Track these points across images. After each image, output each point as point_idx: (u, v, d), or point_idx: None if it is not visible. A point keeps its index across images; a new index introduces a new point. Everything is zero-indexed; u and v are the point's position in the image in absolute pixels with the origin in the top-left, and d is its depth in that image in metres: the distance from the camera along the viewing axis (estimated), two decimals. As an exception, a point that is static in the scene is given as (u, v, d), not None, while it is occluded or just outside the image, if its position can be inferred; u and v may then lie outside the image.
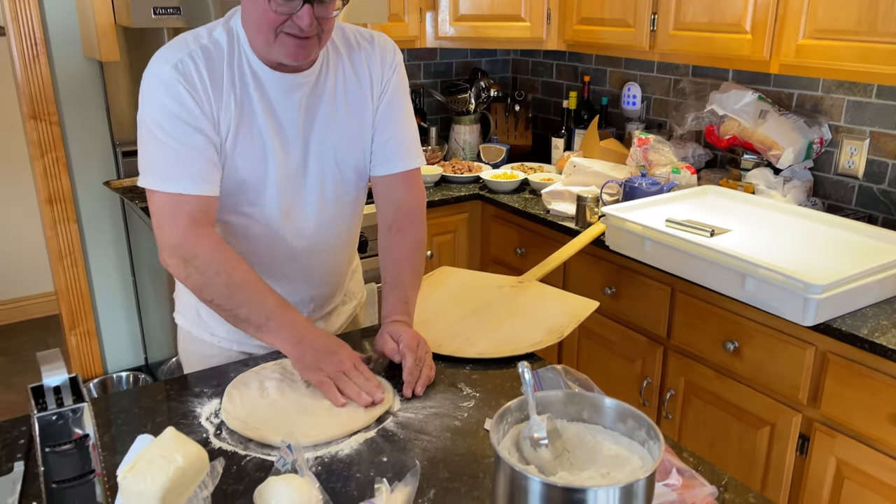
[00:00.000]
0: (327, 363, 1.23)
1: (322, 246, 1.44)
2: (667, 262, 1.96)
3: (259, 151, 1.29)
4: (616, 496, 0.71)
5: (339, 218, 1.44)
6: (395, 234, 1.45)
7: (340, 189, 1.41)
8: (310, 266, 1.44)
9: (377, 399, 1.21)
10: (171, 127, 1.21)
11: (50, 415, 0.87)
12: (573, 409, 0.85)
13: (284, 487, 0.93)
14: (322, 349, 1.24)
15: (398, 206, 1.45)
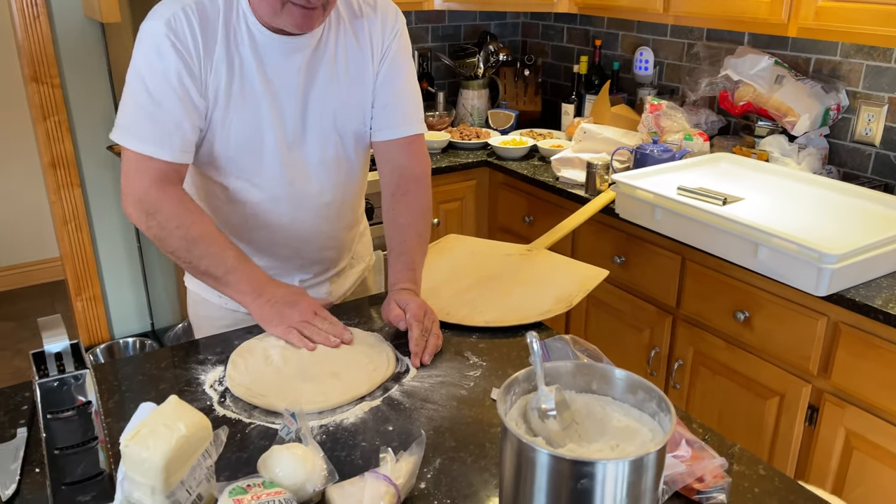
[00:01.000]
0: (289, 314, 1.25)
1: (324, 211, 1.41)
2: (678, 231, 1.93)
3: (253, 115, 1.27)
4: (626, 469, 0.69)
5: (341, 183, 1.41)
6: (399, 201, 1.43)
7: (341, 154, 1.38)
8: (313, 230, 1.42)
9: (345, 340, 1.25)
10: (153, 85, 1.20)
11: (51, 381, 0.86)
12: (582, 380, 0.83)
13: (288, 456, 0.92)
14: (282, 301, 1.26)
15: (401, 172, 1.43)
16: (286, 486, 0.89)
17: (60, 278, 3.68)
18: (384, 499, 0.88)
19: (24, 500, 0.94)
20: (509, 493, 0.75)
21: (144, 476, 0.82)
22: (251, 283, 1.26)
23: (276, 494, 0.87)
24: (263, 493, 0.86)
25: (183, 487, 0.85)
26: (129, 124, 1.23)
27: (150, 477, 0.82)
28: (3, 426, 1.08)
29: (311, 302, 1.29)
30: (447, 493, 0.96)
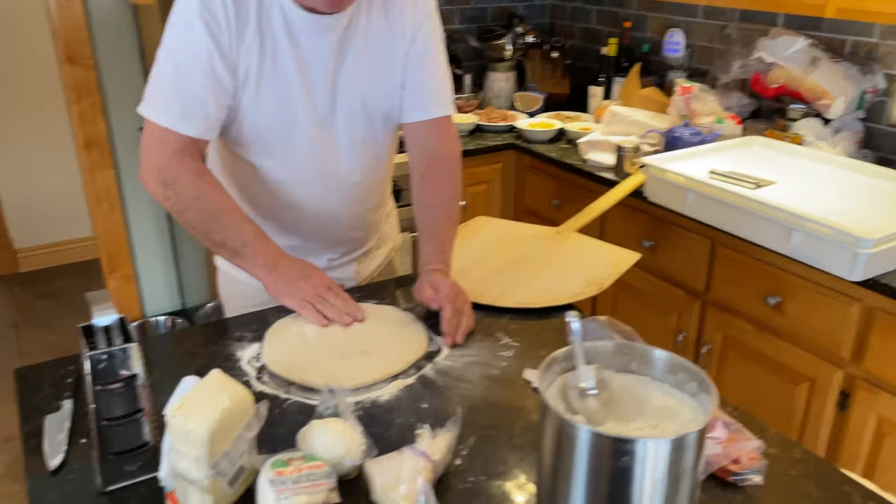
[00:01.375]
0: (303, 287, 1.27)
1: (353, 191, 1.42)
2: (709, 215, 1.91)
3: (285, 95, 1.28)
4: (667, 448, 0.70)
5: (369, 163, 1.42)
6: (428, 183, 1.43)
7: (369, 135, 1.39)
8: (341, 210, 1.43)
9: (358, 318, 1.27)
10: (182, 62, 1.21)
11: (100, 354, 0.88)
12: (621, 359, 0.83)
13: (328, 431, 0.94)
14: (296, 274, 1.28)
15: (431, 154, 1.43)
16: (325, 459, 0.91)
17: (94, 257, 3.75)
18: (422, 474, 0.89)
19: (72, 469, 0.97)
20: (548, 470, 0.76)
21: (190, 447, 0.85)
22: (266, 256, 1.28)
23: (317, 468, 0.89)
24: (304, 466, 0.88)
25: (226, 458, 0.87)
26: (156, 98, 1.24)
27: (196, 448, 0.84)
28: (48, 398, 1.12)
29: (324, 277, 1.31)
30: (482, 469, 0.98)
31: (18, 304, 3.49)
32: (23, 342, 3.16)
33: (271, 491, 0.85)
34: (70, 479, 0.95)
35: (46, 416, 1.06)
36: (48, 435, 1.03)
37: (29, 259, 3.79)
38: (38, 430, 1.04)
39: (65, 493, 0.93)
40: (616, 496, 0.71)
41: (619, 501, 0.72)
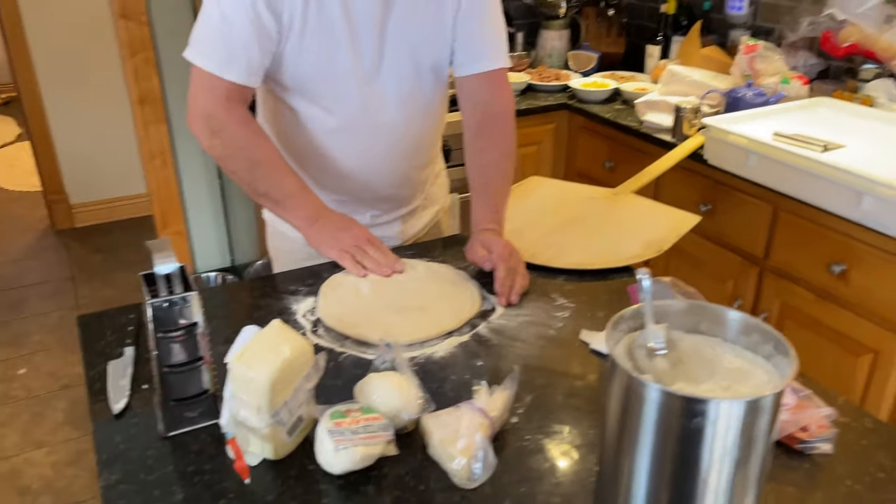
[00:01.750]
0: (342, 238, 1.28)
1: (398, 145, 1.40)
2: (772, 179, 1.84)
3: (329, 44, 1.26)
4: (741, 410, 0.67)
5: (416, 117, 1.39)
6: (481, 140, 1.40)
7: (417, 88, 1.36)
8: (385, 165, 1.41)
9: (397, 269, 1.27)
10: (227, 7, 1.21)
11: (162, 301, 0.89)
12: (691, 320, 0.80)
13: (385, 384, 0.93)
14: (337, 226, 1.30)
15: (484, 109, 1.40)
16: (382, 412, 0.91)
17: (147, 214, 3.82)
18: (480, 430, 0.89)
19: (135, 413, 0.99)
20: (614, 429, 0.74)
21: (251, 395, 0.85)
22: (307, 208, 1.29)
23: (374, 420, 0.88)
24: (362, 417, 0.88)
25: (286, 408, 0.87)
26: (200, 42, 1.24)
27: (257, 396, 0.85)
28: (111, 345, 1.14)
29: (364, 230, 1.32)
30: (539, 428, 0.96)
31: (74, 258, 3.59)
32: (79, 295, 3.26)
33: (330, 441, 0.85)
34: (133, 422, 0.97)
35: (109, 362, 1.08)
36: (111, 380, 1.05)
37: (84, 214, 3.89)
38: (101, 375, 1.06)
39: (128, 437, 0.94)
40: (684, 459, 0.69)
41: (688, 464, 0.69)
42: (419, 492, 0.86)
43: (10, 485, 2.20)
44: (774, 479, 0.87)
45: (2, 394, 2.61)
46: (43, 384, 2.67)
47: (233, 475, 0.87)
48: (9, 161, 4.75)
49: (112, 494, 0.85)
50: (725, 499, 0.71)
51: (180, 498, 0.85)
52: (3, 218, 4.01)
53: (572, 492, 0.86)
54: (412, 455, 0.91)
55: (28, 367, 2.76)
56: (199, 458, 0.91)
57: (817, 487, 0.87)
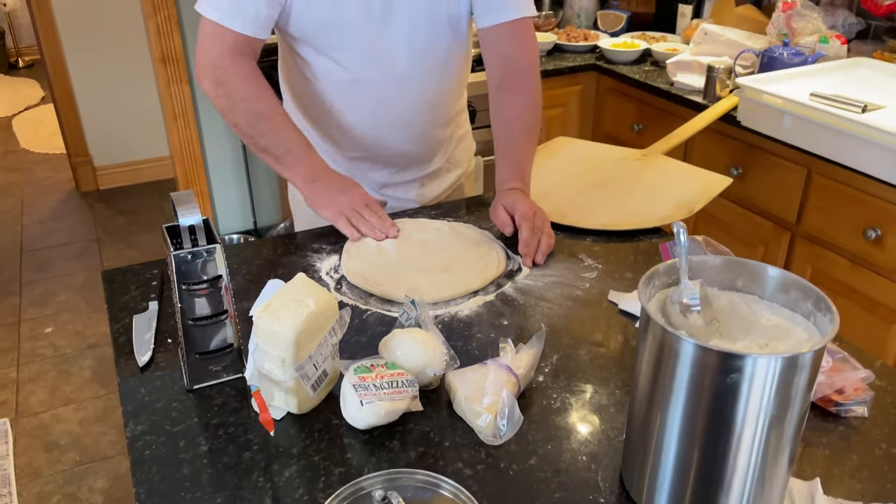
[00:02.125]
0: (340, 199, 1.26)
1: (413, 100, 1.36)
2: (807, 140, 1.79)
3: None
4: (778, 367, 0.64)
5: (432, 71, 1.35)
6: (505, 93, 1.36)
7: (432, 39, 1.31)
8: (400, 120, 1.38)
9: (391, 235, 1.24)
10: None
11: (185, 253, 0.88)
12: (727, 276, 0.77)
13: (410, 340, 0.92)
14: (335, 188, 1.27)
15: (507, 61, 1.35)
16: (407, 368, 0.89)
17: (169, 176, 3.83)
18: (506, 386, 0.87)
19: (159, 366, 0.99)
20: (645, 386, 0.72)
21: (276, 348, 0.84)
22: (307, 166, 1.27)
23: (399, 375, 0.87)
24: (386, 372, 0.87)
25: (311, 361, 0.86)
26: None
27: (281, 349, 0.84)
28: (135, 300, 1.14)
29: (364, 194, 1.29)
30: (565, 387, 0.95)
31: (99, 220, 3.62)
32: (104, 256, 3.29)
33: (354, 395, 0.84)
34: (158, 376, 0.97)
35: (134, 316, 1.08)
36: (136, 334, 1.04)
37: (108, 177, 3.91)
38: (126, 329, 1.06)
39: (153, 389, 0.94)
40: (718, 416, 0.67)
41: (722, 422, 0.67)
42: (444, 448, 0.85)
43: (38, 441, 2.24)
44: (808, 441, 0.86)
45: (29, 352, 2.66)
46: (69, 342, 2.71)
47: (257, 428, 0.87)
48: (33, 124, 4.78)
49: (138, 444, 0.86)
50: (759, 458, 0.69)
51: (205, 449, 0.85)
52: (29, 180, 4.04)
53: (599, 450, 0.85)
54: (437, 411, 0.90)
55: (55, 325, 2.80)
56: (223, 411, 0.91)
57: (852, 450, 0.85)
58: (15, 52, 5.84)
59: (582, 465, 0.83)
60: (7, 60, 5.78)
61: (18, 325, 2.81)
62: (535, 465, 0.83)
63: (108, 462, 2.16)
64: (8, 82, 5.54)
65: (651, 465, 0.74)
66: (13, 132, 4.68)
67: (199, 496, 0.79)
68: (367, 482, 0.77)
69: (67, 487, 2.07)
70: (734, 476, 0.69)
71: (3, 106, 5.07)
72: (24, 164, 4.24)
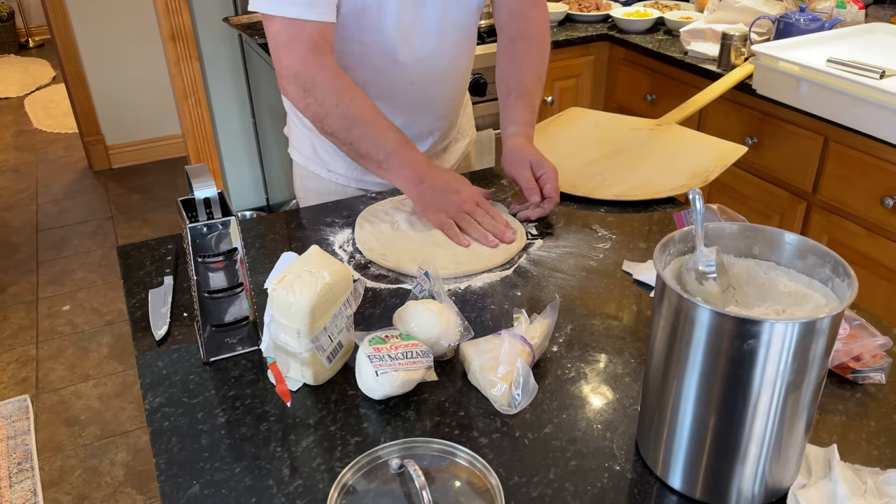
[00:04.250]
0: (448, 202, 1.18)
1: (440, 75, 1.36)
2: (824, 108, 1.76)
3: None
4: (795, 332, 0.64)
5: (458, 45, 1.35)
6: (518, 44, 1.36)
7: (461, 16, 1.31)
8: (428, 97, 1.37)
9: (506, 240, 1.17)
10: None
11: (201, 226, 0.88)
12: (743, 243, 0.77)
13: (424, 311, 0.92)
14: (443, 188, 1.19)
15: (521, 18, 1.36)
16: (422, 339, 0.90)
17: (181, 155, 3.84)
18: (521, 356, 0.87)
19: (175, 339, 1.00)
20: (661, 353, 0.72)
21: (291, 320, 0.85)
22: (413, 168, 1.18)
23: (414, 346, 0.88)
24: (401, 343, 0.88)
25: (326, 333, 0.87)
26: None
27: (297, 321, 0.84)
28: (150, 274, 1.14)
29: (474, 192, 1.21)
30: (580, 357, 0.95)
31: (112, 198, 3.64)
32: (119, 233, 3.31)
33: (370, 366, 0.85)
34: (174, 349, 0.98)
35: (150, 291, 1.09)
36: (152, 308, 1.05)
37: (120, 155, 3.92)
38: (142, 303, 1.07)
39: (170, 362, 0.95)
40: (735, 383, 0.67)
41: (738, 389, 0.67)
42: (459, 417, 0.85)
43: (58, 416, 2.28)
44: (825, 408, 0.85)
45: (48, 329, 2.69)
46: (87, 320, 2.74)
47: (274, 400, 0.88)
48: (45, 103, 4.79)
49: (157, 416, 0.87)
50: (776, 424, 0.69)
51: (223, 420, 0.86)
52: (43, 160, 4.06)
53: (615, 418, 0.85)
54: (452, 382, 0.91)
55: (72, 303, 2.83)
56: (239, 383, 0.91)
57: (869, 417, 0.84)
58: (25, 33, 5.84)
59: (597, 433, 0.83)
60: (17, 41, 5.78)
61: (37, 303, 2.85)
62: (550, 433, 0.83)
63: (129, 436, 2.19)
64: (19, 62, 5.55)
65: (667, 433, 0.74)
66: (25, 112, 4.70)
67: (218, 466, 0.80)
68: (384, 451, 0.77)
69: (89, 461, 2.11)
70: (750, 443, 0.69)
71: (15, 86, 5.08)
72: (36, 143, 4.26)
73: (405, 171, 1.18)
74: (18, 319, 2.75)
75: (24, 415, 2.26)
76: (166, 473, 0.79)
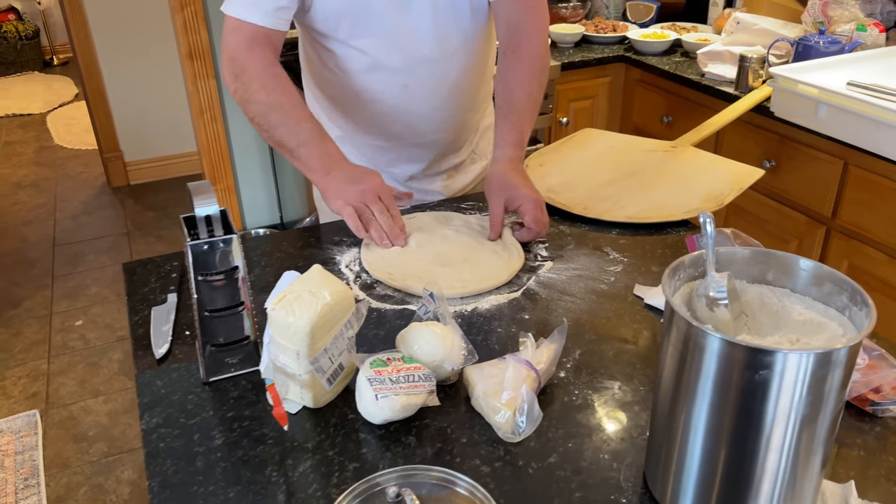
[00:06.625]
0: (349, 191, 1.18)
1: (437, 84, 1.34)
2: (844, 131, 1.73)
3: None
4: (810, 363, 0.61)
5: (455, 54, 1.33)
6: (509, 57, 1.33)
7: (452, 20, 1.29)
8: (426, 106, 1.36)
9: (398, 243, 1.18)
10: None
11: (202, 243, 0.87)
12: (756, 268, 0.74)
13: (428, 332, 0.90)
14: (347, 178, 1.19)
15: (516, 28, 1.33)
16: (425, 362, 0.88)
17: (198, 171, 3.86)
18: (526, 382, 0.85)
19: (176, 358, 0.98)
20: (669, 382, 0.69)
21: (290, 340, 0.83)
22: (320, 158, 1.20)
23: (416, 369, 0.85)
24: (403, 366, 0.85)
25: (326, 355, 0.85)
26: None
27: (296, 342, 0.82)
28: (155, 291, 1.13)
29: (379, 186, 1.20)
30: (587, 383, 0.92)
31: (129, 214, 3.66)
32: (134, 250, 3.33)
33: (370, 389, 0.82)
34: (175, 368, 0.96)
35: (153, 308, 1.08)
36: (154, 325, 1.04)
37: (138, 172, 3.95)
38: (145, 320, 1.06)
39: (170, 381, 0.94)
40: (746, 415, 0.64)
41: (750, 421, 0.64)
42: (462, 444, 0.83)
43: (67, 432, 2.27)
44: (842, 442, 0.82)
45: (60, 344, 2.70)
46: (99, 335, 2.74)
47: (272, 422, 0.86)
48: (67, 120, 4.86)
49: (153, 437, 0.85)
50: (790, 459, 0.65)
51: (220, 442, 0.84)
52: (63, 175, 4.11)
53: (622, 448, 0.82)
54: (455, 407, 0.88)
55: (85, 318, 2.84)
56: (238, 404, 0.90)
57: (889, 452, 0.81)
58: (50, 50, 5.94)
59: (604, 463, 0.80)
60: (42, 58, 5.88)
61: (50, 317, 2.86)
62: (555, 463, 0.80)
63: (136, 453, 2.18)
64: (43, 79, 5.64)
65: (675, 465, 0.71)
66: (48, 128, 4.77)
67: (213, 490, 0.78)
68: (382, 478, 0.75)
69: (95, 478, 2.10)
70: (763, 477, 0.66)
71: (38, 103, 5.16)
72: (57, 159, 4.31)
73: (314, 161, 1.21)
74: (32, 334, 2.76)
75: (32, 430, 2.26)
76: (159, 497, 0.77)
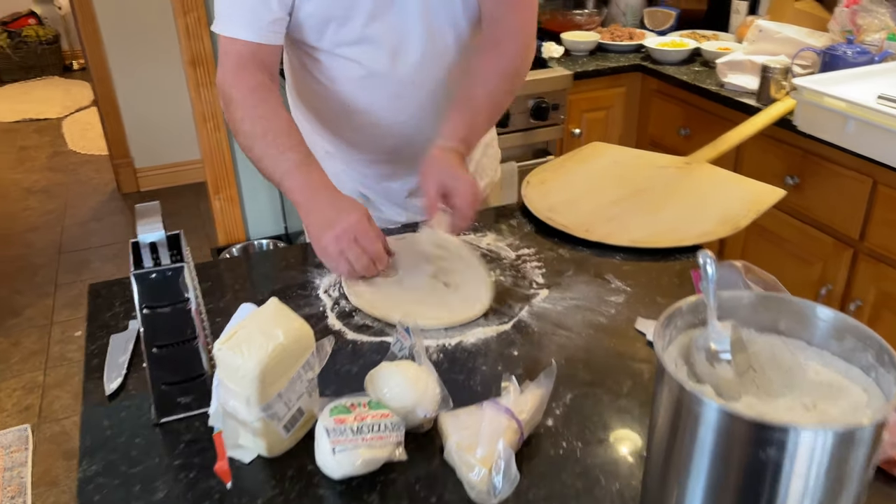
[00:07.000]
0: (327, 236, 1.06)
1: (431, 89, 1.25)
2: (873, 148, 1.61)
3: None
4: (828, 442, 0.51)
5: (445, 60, 1.24)
6: (483, 51, 1.23)
7: (447, 24, 1.21)
8: (419, 115, 1.27)
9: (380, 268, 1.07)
10: None
11: (146, 273, 0.78)
12: (766, 316, 0.64)
13: (398, 375, 0.81)
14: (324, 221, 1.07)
15: (497, 25, 1.23)
16: (394, 408, 0.78)
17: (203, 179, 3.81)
18: (504, 434, 0.75)
19: (129, 395, 0.90)
20: (661, 450, 0.59)
21: (239, 384, 0.74)
22: (303, 192, 1.09)
23: (382, 417, 0.76)
24: (368, 413, 0.76)
25: (281, 400, 0.76)
26: (219, 9, 1.16)
27: (245, 386, 0.74)
28: (118, 316, 1.05)
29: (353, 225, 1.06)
30: (578, 433, 0.82)
31: (138, 221, 3.61)
32: (140, 258, 3.28)
33: (327, 441, 0.73)
34: (125, 405, 0.88)
35: (112, 336, 1.00)
36: (111, 356, 0.96)
37: (148, 178, 3.91)
38: (101, 350, 0.98)
39: (118, 421, 0.86)
40: (751, 498, 0.54)
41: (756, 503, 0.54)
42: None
43: (58, 447, 2.21)
44: (867, 514, 0.71)
45: (58, 355, 2.64)
46: (99, 347, 2.68)
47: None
48: (82, 125, 4.85)
49: (88, 487, 0.77)
50: (804, 549, 0.55)
51: (161, 496, 0.75)
52: (74, 181, 4.08)
53: (612, 516, 0.72)
54: (427, 459, 0.79)
55: (85, 329, 2.78)
56: (189, 449, 0.81)
57: (923, 527, 0.70)
58: (70, 55, 5.96)
59: (589, 533, 0.70)
60: (62, 63, 5.89)
61: (50, 327, 2.81)
62: (534, 531, 0.70)
63: (126, 472, 2.11)
64: (62, 84, 5.65)
65: (668, 547, 0.61)
66: (63, 133, 4.76)
67: (144, 554, 0.69)
68: (333, 548, 0.66)
69: (83, 498, 2.03)
70: (771, 569, 0.56)
71: (56, 107, 5.16)
72: (69, 165, 4.29)
73: (296, 195, 1.11)
74: (31, 344, 2.71)
75: (23, 445, 2.20)
76: (84, 560, 0.69)
